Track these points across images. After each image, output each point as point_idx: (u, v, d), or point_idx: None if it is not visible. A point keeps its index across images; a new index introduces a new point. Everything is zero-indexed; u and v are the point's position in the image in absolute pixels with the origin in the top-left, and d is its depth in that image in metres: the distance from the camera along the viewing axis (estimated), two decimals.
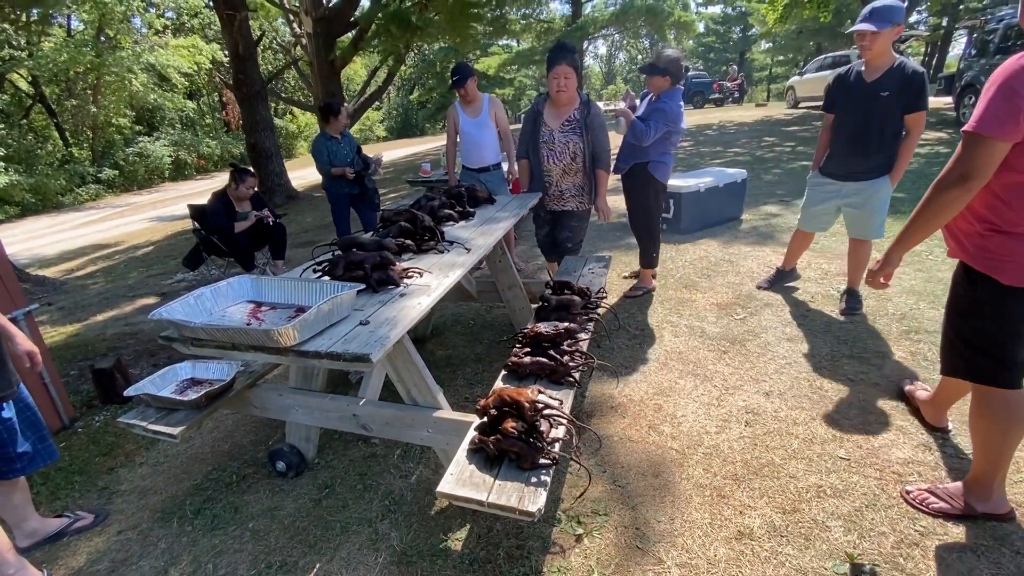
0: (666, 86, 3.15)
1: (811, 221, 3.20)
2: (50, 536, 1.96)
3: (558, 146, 3.02)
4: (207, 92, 24.19)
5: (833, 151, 2.96)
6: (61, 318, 4.78)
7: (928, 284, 3.28)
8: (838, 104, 2.86)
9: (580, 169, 3.09)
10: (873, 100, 2.66)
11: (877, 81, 2.65)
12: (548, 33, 20.74)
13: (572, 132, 2.98)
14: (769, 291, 3.46)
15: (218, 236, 4.48)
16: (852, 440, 2.06)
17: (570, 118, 2.99)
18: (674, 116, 3.10)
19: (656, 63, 3.12)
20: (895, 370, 2.48)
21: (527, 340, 1.99)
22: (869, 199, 2.87)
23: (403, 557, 1.74)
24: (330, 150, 4.52)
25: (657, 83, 3.15)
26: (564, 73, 2.85)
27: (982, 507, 1.65)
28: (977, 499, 1.66)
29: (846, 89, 2.80)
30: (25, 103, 18.34)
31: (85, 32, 17.60)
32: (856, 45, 2.66)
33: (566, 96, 2.92)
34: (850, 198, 2.94)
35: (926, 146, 7.86)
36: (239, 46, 9.22)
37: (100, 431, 2.69)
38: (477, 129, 3.84)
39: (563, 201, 3.19)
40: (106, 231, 10.95)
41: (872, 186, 2.83)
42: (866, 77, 2.69)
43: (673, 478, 1.96)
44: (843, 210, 3.02)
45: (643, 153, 3.21)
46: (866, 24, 2.52)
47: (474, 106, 3.84)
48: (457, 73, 3.72)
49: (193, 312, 1.68)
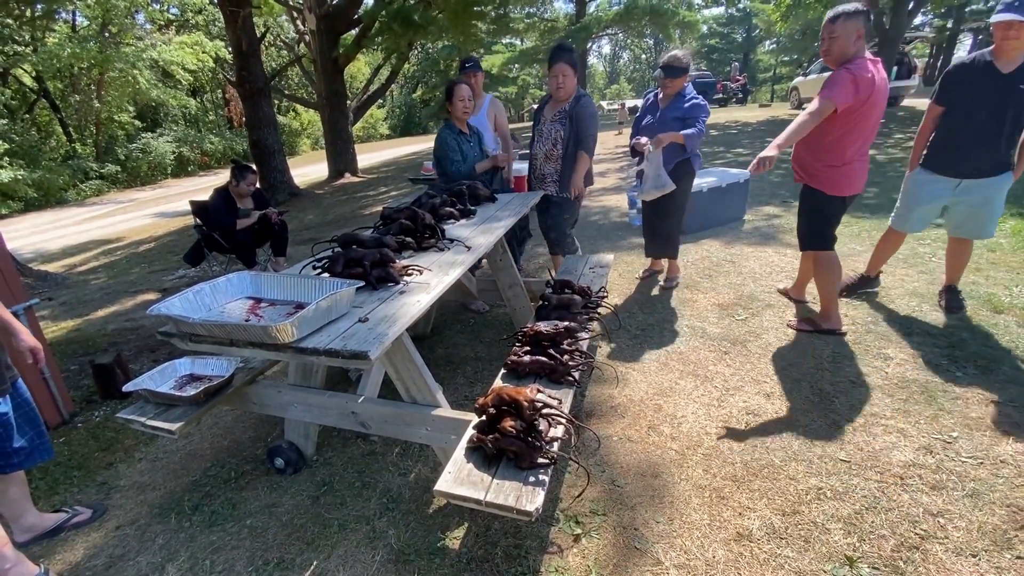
0: (680, 85, 3.17)
1: (911, 221, 2.98)
2: (48, 531, 1.96)
3: (545, 133, 3.30)
4: (210, 89, 24.24)
5: (950, 145, 2.73)
6: (62, 313, 4.79)
7: (931, 286, 3.26)
8: (961, 96, 2.64)
9: (559, 156, 3.28)
10: (1011, 92, 2.51)
11: (1015, 72, 2.49)
12: (552, 32, 20.69)
13: (558, 122, 3.23)
14: (848, 299, 3.24)
15: (219, 232, 4.47)
16: (853, 442, 2.05)
17: (561, 110, 3.21)
18: (707, 104, 3.17)
19: (678, 64, 3.10)
20: (897, 372, 2.47)
21: (527, 339, 1.98)
22: (991, 197, 2.70)
23: (400, 555, 1.73)
24: (462, 147, 3.35)
25: (677, 84, 3.15)
26: (562, 71, 3.11)
27: (827, 325, 2.87)
28: (824, 321, 2.87)
29: (974, 80, 2.59)
30: (29, 98, 18.40)
31: (89, 28, 17.63)
32: (996, 37, 2.48)
33: (564, 92, 3.17)
34: (968, 195, 2.74)
35: None
36: (243, 43, 9.22)
37: (100, 426, 2.69)
38: None
39: (544, 184, 3.38)
40: (109, 227, 10.97)
41: (996, 183, 2.67)
42: (1001, 68, 2.52)
43: (672, 479, 1.96)
44: (953, 208, 2.83)
45: (681, 149, 3.18)
46: (1012, 14, 2.36)
47: (476, 103, 3.76)
48: (471, 60, 3.73)
49: (192, 308, 1.68)
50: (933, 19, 23.99)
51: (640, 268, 4.04)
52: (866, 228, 4.48)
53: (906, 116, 11.27)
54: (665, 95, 3.24)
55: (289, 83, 24.71)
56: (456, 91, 3.27)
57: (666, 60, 3.15)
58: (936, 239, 4.06)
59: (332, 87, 11.27)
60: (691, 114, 3.10)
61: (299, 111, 26.79)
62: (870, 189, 5.79)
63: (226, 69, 19.19)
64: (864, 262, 3.73)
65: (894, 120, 10.79)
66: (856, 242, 4.19)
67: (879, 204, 5.16)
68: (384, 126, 31.84)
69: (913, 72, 12.75)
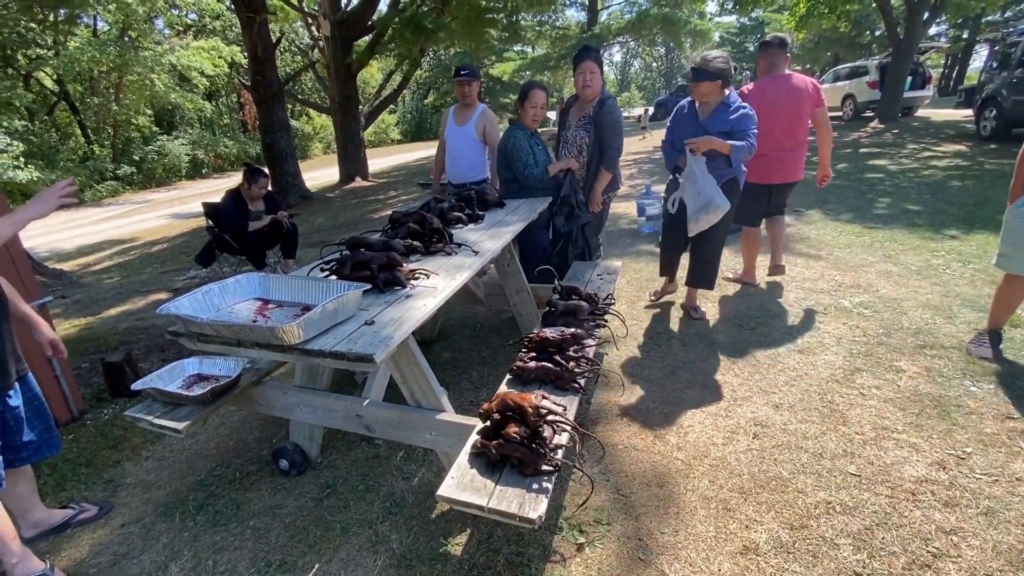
0: (716, 91, 2.75)
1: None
2: (54, 527, 1.97)
3: (570, 139, 3.19)
4: (225, 93, 24.59)
5: None
6: (75, 311, 4.85)
7: (945, 299, 3.21)
8: None
9: (585, 164, 3.19)
10: None
11: None
12: (563, 40, 20.79)
13: (582, 128, 3.13)
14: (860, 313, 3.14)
15: (231, 234, 4.52)
16: (863, 456, 2.02)
17: (586, 114, 3.10)
18: (755, 114, 2.78)
19: (706, 66, 2.68)
20: (910, 385, 2.43)
21: (533, 345, 1.97)
22: None
23: (402, 560, 1.72)
24: (533, 150, 3.15)
25: (705, 89, 2.74)
26: (589, 68, 3.00)
27: (747, 278, 3.73)
28: (748, 279, 3.73)
29: None
30: (49, 101, 18.77)
31: (110, 32, 18.00)
32: None
33: (591, 92, 3.05)
34: None
35: (945, 159, 7.75)
36: (258, 48, 9.36)
37: (108, 424, 2.72)
38: (459, 140, 3.51)
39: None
40: (123, 227, 11.13)
41: None
42: None
43: (678, 489, 1.93)
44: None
45: (726, 164, 2.82)
46: None
47: (466, 113, 3.51)
48: (466, 68, 3.43)
49: (201, 308, 1.69)
50: (949, 29, 23.80)
51: (648, 275, 4.02)
52: (878, 239, 4.43)
53: (920, 127, 11.17)
54: (703, 105, 2.83)
55: (302, 88, 25.00)
56: (531, 96, 3.02)
57: (695, 61, 2.75)
58: (951, 251, 4.00)
59: (345, 92, 11.39)
60: (739, 127, 2.69)
61: (311, 115, 27.08)
62: (882, 200, 5.74)
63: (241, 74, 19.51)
64: (876, 273, 3.70)
65: (908, 130, 10.69)
66: (868, 252, 4.15)
67: (891, 215, 5.10)
68: (395, 131, 32.08)
69: (928, 82, 12.66)
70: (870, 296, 3.36)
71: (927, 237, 4.39)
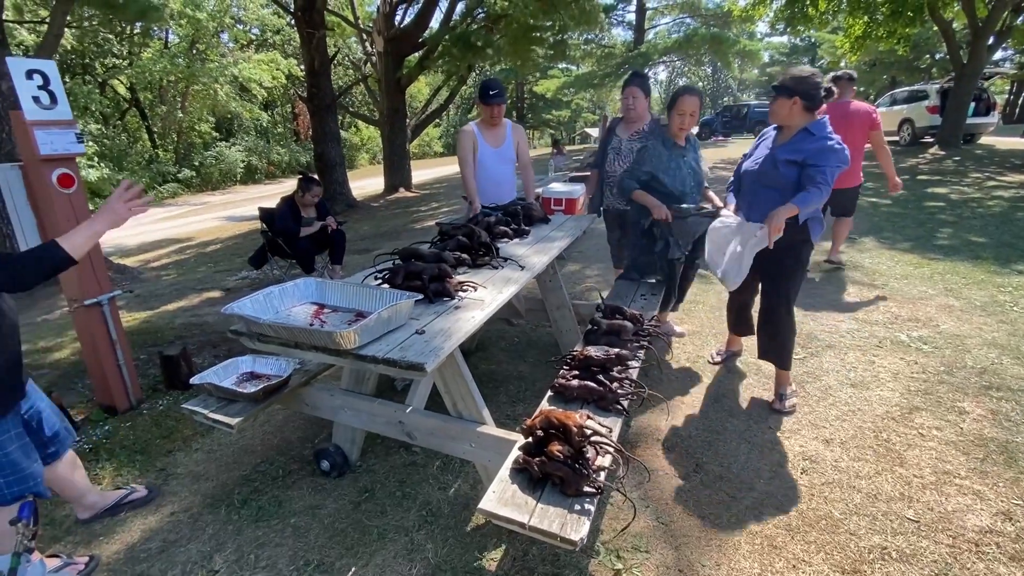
0: (793, 112, 2.28)
1: None
2: (108, 508, 2.07)
3: (624, 151, 3.32)
4: (281, 103, 25.78)
5: None
6: (136, 305, 5.14)
7: (1012, 338, 3.02)
8: None
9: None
10: None
11: None
12: (609, 58, 20.87)
13: (638, 140, 3.27)
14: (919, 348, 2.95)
15: (283, 239, 4.71)
16: (922, 501, 1.91)
17: (639, 130, 3.29)
18: (844, 152, 2.20)
19: (785, 81, 2.28)
20: (974, 428, 2.28)
21: (576, 363, 1.97)
22: None
23: (437, 570, 1.73)
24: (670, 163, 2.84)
25: (778, 108, 2.32)
26: (632, 93, 3.23)
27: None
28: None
29: None
30: (122, 107, 20.16)
31: (179, 45, 19.24)
32: None
33: (635, 114, 3.26)
34: None
35: (1011, 189, 7.33)
36: (315, 62, 9.81)
37: (163, 414, 2.85)
38: (498, 162, 3.26)
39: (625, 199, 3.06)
40: (181, 227, 11.75)
41: None
42: None
43: (721, 521, 1.87)
44: None
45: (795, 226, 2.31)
46: None
47: (496, 132, 3.23)
48: (496, 88, 3.10)
49: (261, 309, 1.77)
50: (1014, 55, 22.64)
51: (690, 295, 3.92)
52: (938, 271, 4.21)
53: (983, 155, 10.61)
54: (785, 130, 2.37)
55: (353, 100, 25.95)
56: (679, 102, 2.71)
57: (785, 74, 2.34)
58: (1019, 287, 3.77)
59: (394, 105, 11.77)
60: (815, 161, 2.18)
61: (360, 127, 28.06)
62: (943, 230, 5.46)
63: (297, 85, 20.42)
64: (936, 307, 3.51)
65: (971, 158, 10.18)
66: (927, 285, 3.95)
67: (953, 246, 4.85)
68: (439, 144, 32.83)
69: (992, 109, 12.04)
70: (930, 331, 3.20)
71: (992, 271, 4.15)
